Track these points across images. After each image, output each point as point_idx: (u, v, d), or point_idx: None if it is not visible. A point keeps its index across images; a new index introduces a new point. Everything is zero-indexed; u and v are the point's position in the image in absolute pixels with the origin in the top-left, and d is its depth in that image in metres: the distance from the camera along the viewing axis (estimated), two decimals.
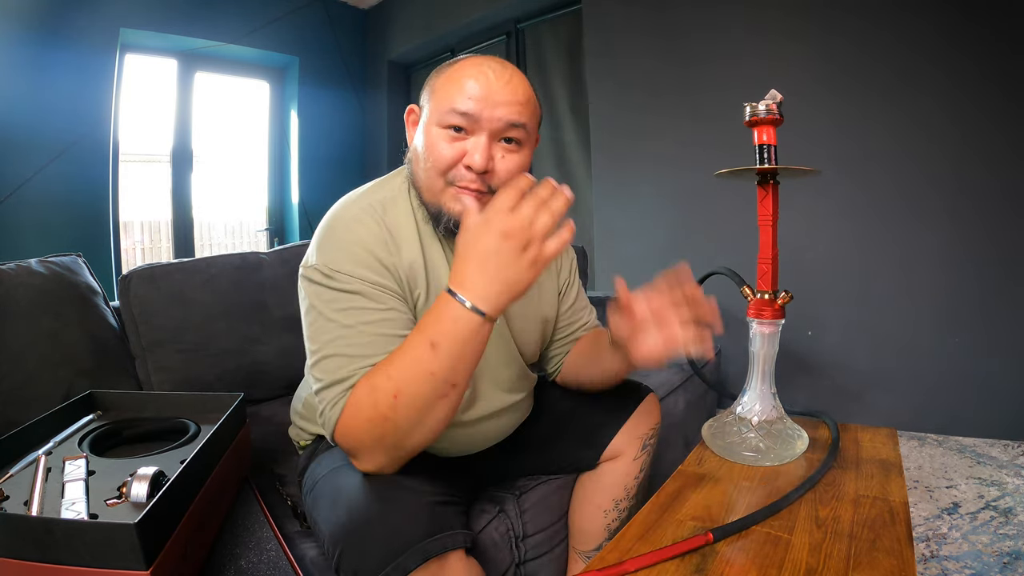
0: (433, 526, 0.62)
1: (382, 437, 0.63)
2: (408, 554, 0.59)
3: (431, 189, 0.73)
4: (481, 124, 0.69)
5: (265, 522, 0.80)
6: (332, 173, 3.43)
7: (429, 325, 0.61)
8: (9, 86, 2.29)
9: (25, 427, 0.75)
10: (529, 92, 0.73)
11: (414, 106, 0.78)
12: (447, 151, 0.70)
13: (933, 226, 1.81)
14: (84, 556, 0.52)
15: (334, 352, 0.67)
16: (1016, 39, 1.63)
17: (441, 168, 0.71)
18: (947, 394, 1.82)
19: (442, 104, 0.71)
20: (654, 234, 2.40)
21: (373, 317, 0.67)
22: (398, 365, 0.62)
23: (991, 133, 1.70)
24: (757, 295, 0.86)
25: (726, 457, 0.87)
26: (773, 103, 0.80)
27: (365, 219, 0.73)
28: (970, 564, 1.16)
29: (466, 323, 0.60)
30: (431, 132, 0.72)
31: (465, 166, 0.70)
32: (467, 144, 0.70)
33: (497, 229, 0.58)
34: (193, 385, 1.19)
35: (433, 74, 0.76)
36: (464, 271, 0.60)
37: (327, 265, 0.69)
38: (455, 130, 0.70)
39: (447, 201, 0.72)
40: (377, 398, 0.62)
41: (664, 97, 2.32)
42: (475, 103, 0.69)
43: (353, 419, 0.64)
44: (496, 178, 0.72)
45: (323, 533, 0.68)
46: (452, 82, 0.71)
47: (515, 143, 0.72)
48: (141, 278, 1.21)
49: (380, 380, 0.62)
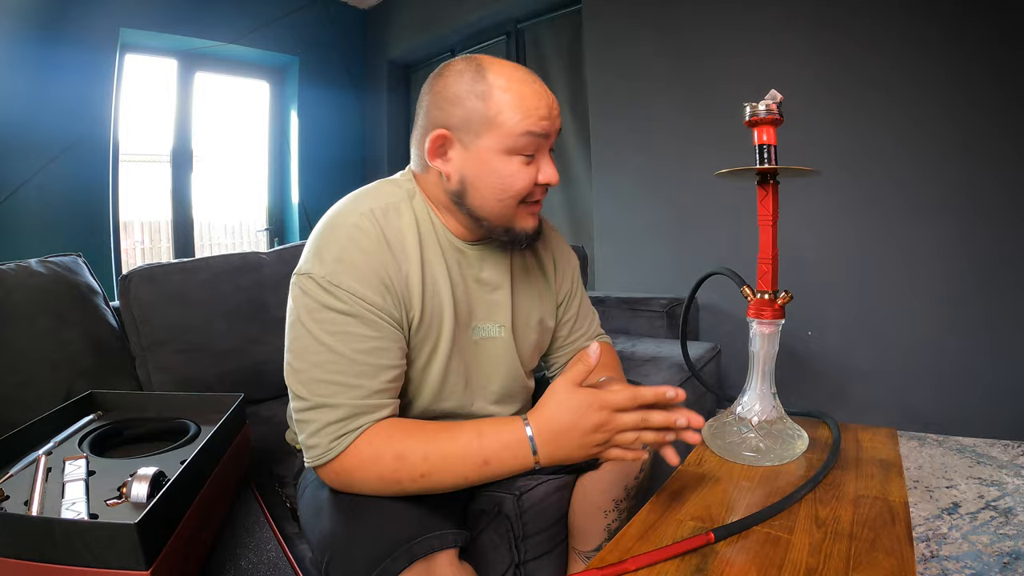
0: (419, 528, 0.62)
1: (382, 489, 0.64)
2: (394, 556, 0.59)
3: (502, 216, 0.72)
4: (550, 140, 0.70)
5: (265, 522, 0.80)
6: (332, 173, 3.43)
7: (491, 442, 0.63)
8: (9, 86, 2.29)
9: (25, 427, 0.75)
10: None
11: (445, 132, 0.69)
12: (526, 177, 0.69)
13: (933, 226, 1.81)
14: (84, 556, 0.52)
15: (323, 377, 0.64)
16: (1017, 37, 1.63)
17: (523, 195, 0.70)
18: (947, 394, 1.82)
19: (510, 128, 0.67)
20: (654, 234, 2.41)
21: (367, 345, 0.65)
22: (441, 455, 0.63)
23: (992, 133, 1.70)
24: (757, 295, 0.86)
25: (726, 457, 0.86)
26: (773, 103, 0.80)
27: (367, 227, 0.68)
28: (970, 564, 1.16)
29: (523, 458, 0.62)
30: (498, 162, 0.68)
31: (541, 184, 0.70)
32: (538, 163, 0.70)
33: (596, 420, 0.61)
34: (193, 385, 1.19)
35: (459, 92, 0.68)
36: (548, 421, 0.62)
37: (326, 278, 0.65)
38: (527, 156, 0.69)
39: (521, 221, 0.73)
40: (402, 468, 0.62)
41: (664, 97, 2.32)
42: (548, 122, 0.68)
43: (362, 468, 0.63)
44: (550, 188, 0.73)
45: (312, 542, 0.69)
46: (514, 104, 0.67)
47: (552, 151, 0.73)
48: (141, 278, 1.21)
49: (415, 457, 0.62)
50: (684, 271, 2.24)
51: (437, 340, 0.74)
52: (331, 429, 0.64)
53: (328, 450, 0.64)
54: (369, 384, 0.65)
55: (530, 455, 0.62)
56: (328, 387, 0.64)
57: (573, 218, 2.87)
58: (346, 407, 0.64)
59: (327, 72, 3.48)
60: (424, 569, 0.60)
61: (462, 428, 0.65)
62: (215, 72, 3.17)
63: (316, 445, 0.64)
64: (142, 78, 2.86)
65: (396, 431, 0.64)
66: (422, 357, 0.74)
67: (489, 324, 0.80)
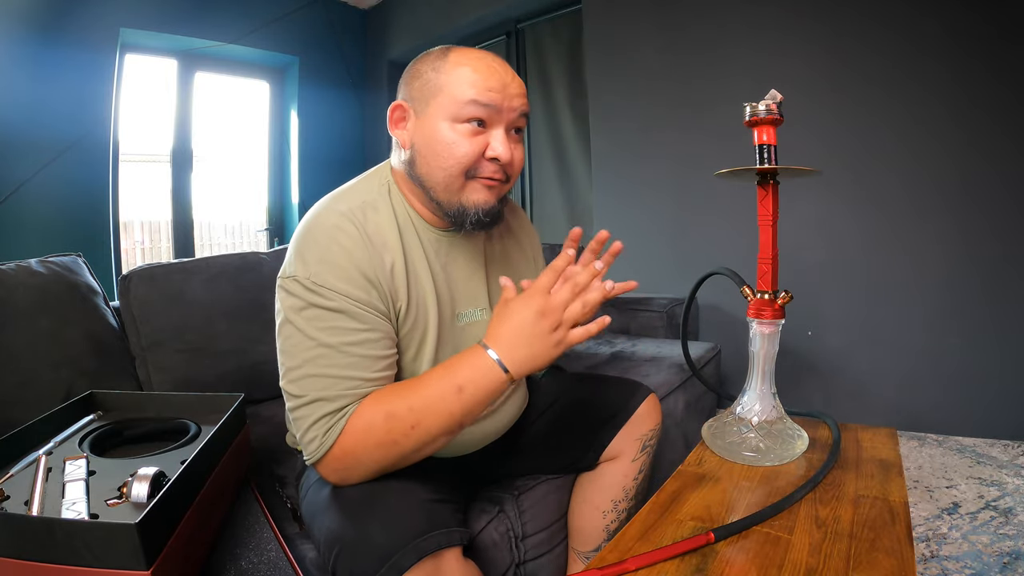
0: (428, 524, 0.62)
1: (383, 459, 0.65)
2: (403, 552, 0.59)
3: (449, 188, 0.71)
4: (502, 115, 0.70)
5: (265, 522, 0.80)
6: (332, 173, 3.42)
7: (459, 371, 0.65)
8: (9, 86, 2.29)
9: (25, 427, 0.75)
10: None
11: (402, 103, 0.74)
12: (470, 146, 0.69)
13: (933, 225, 1.81)
14: (85, 556, 0.52)
15: (316, 372, 0.65)
16: (1019, 34, 1.63)
17: (466, 165, 0.70)
18: (947, 394, 1.82)
19: (456, 97, 0.69)
20: (654, 234, 2.40)
21: (356, 338, 0.66)
22: (422, 400, 0.64)
23: (993, 132, 1.69)
24: (757, 295, 0.86)
25: (726, 457, 0.87)
26: (773, 103, 0.80)
27: (346, 226, 0.69)
28: (970, 564, 1.16)
29: (494, 376, 0.64)
30: (443, 129, 0.70)
31: (489, 158, 0.70)
32: (488, 138, 0.70)
33: (535, 307, 0.63)
34: (193, 385, 1.19)
35: (421, 68, 0.73)
36: (499, 333, 0.65)
37: (310, 279, 0.66)
38: (477, 124, 0.70)
39: (470, 195, 0.72)
40: (393, 426, 0.64)
41: (664, 97, 2.32)
42: (497, 95, 0.69)
43: (360, 442, 0.64)
44: (512, 168, 0.73)
45: (318, 538, 0.69)
46: (462, 77, 0.69)
47: (520, 133, 0.74)
48: (141, 278, 1.21)
49: (400, 411, 0.64)
50: (684, 271, 2.24)
51: (425, 329, 0.75)
52: (325, 420, 0.65)
53: (324, 440, 0.65)
54: (361, 375, 0.66)
55: (495, 365, 0.64)
56: (321, 381, 0.65)
57: (573, 218, 2.87)
58: (340, 399, 0.65)
59: (327, 72, 3.48)
60: (433, 565, 0.61)
61: (432, 371, 0.68)
62: (215, 72, 3.17)
63: (313, 439, 0.65)
64: (142, 78, 2.86)
65: (377, 396, 0.66)
66: (412, 347, 0.75)
67: (471, 309, 0.81)
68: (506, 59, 0.75)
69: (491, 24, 3.06)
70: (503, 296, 0.67)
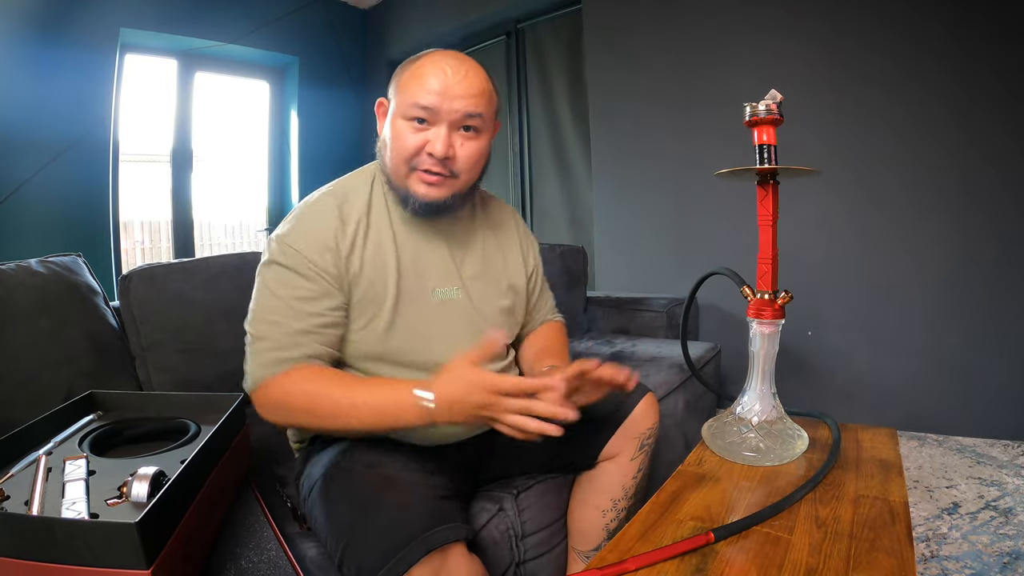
0: (434, 519, 0.64)
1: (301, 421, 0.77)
2: (411, 546, 0.60)
3: (397, 174, 0.81)
4: (441, 116, 0.77)
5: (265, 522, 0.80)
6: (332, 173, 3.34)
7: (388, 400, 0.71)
8: (9, 86, 2.29)
9: (25, 427, 0.75)
10: (485, 84, 0.81)
11: (383, 99, 0.85)
12: (411, 140, 0.78)
13: (934, 225, 1.81)
14: (85, 556, 0.52)
15: (264, 316, 0.77)
16: (1019, 34, 1.63)
17: (406, 156, 0.79)
18: (947, 394, 1.82)
19: (406, 98, 0.78)
20: (654, 234, 2.41)
21: (300, 294, 0.77)
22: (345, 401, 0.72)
23: (993, 131, 1.69)
24: (757, 295, 0.86)
25: (726, 457, 0.87)
26: (773, 103, 0.81)
27: (326, 201, 0.82)
28: (970, 564, 1.16)
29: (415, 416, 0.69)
30: (397, 124, 0.80)
31: (427, 153, 0.78)
32: (429, 134, 0.78)
33: (479, 400, 0.66)
34: (193, 385, 1.18)
35: (399, 69, 0.83)
36: (442, 394, 0.67)
37: (282, 238, 0.79)
38: (419, 122, 0.78)
39: (412, 185, 0.81)
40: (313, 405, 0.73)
41: (664, 97, 2.32)
42: (435, 97, 0.77)
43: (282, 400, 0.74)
44: (457, 163, 0.80)
45: (324, 532, 0.70)
46: (414, 78, 0.78)
47: (473, 131, 0.81)
48: (141, 278, 1.21)
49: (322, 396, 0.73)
50: (684, 271, 2.24)
51: (382, 300, 0.82)
52: (263, 359, 0.75)
53: (256, 378, 0.75)
54: (296, 324, 0.76)
55: (425, 414, 0.68)
56: (266, 324, 0.77)
57: (573, 218, 2.87)
58: (274, 340, 0.75)
59: (327, 72, 3.48)
60: (439, 559, 0.62)
61: (369, 382, 0.76)
62: (215, 72, 3.17)
63: (250, 372, 0.76)
64: (142, 78, 2.86)
65: (314, 373, 0.75)
66: (363, 317, 0.82)
67: (447, 288, 0.87)
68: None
69: (491, 24, 3.06)
70: (469, 356, 0.68)
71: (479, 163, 0.84)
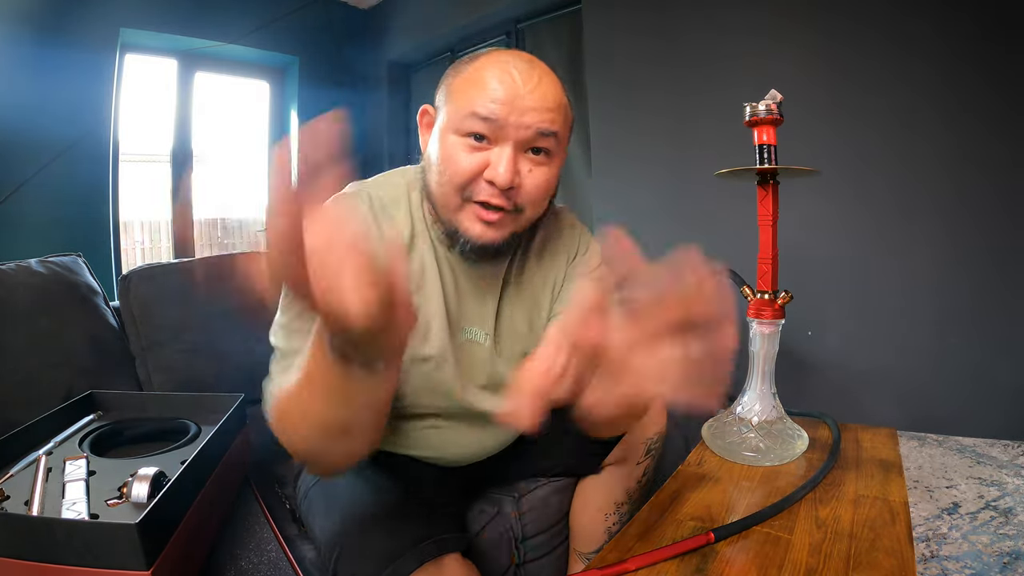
0: (429, 529, 0.62)
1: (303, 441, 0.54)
2: (404, 557, 0.59)
3: (446, 206, 0.64)
4: (506, 132, 0.61)
5: (265, 523, 0.80)
6: None
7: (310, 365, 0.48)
8: (9, 86, 2.29)
9: (25, 427, 0.75)
10: (561, 96, 0.66)
11: (428, 107, 0.69)
12: (466, 162, 0.61)
13: (933, 225, 1.81)
14: (85, 556, 0.52)
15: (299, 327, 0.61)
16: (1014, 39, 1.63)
17: (459, 182, 0.62)
18: (947, 394, 1.82)
19: (461, 108, 0.62)
20: (654, 234, 2.39)
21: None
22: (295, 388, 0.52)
23: (990, 132, 1.69)
24: (757, 295, 0.86)
25: (726, 457, 0.87)
26: (773, 103, 0.81)
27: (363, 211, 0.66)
28: (970, 564, 1.15)
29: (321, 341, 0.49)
30: (447, 140, 0.63)
31: (487, 180, 0.61)
32: (490, 155, 0.61)
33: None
34: (193, 385, 1.18)
35: (450, 71, 0.67)
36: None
37: None
38: (476, 138, 0.61)
39: (464, 221, 0.64)
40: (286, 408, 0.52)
41: (664, 97, 2.32)
42: (499, 107, 0.60)
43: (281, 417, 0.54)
44: (523, 195, 0.63)
45: (319, 538, 0.69)
46: (472, 83, 0.62)
47: (544, 154, 0.64)
48: (141, 278, 1.21)
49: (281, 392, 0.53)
50: None
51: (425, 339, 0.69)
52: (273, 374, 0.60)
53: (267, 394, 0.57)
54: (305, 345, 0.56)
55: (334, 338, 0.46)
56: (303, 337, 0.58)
57: None
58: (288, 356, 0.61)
59: (327, 72, 3.48)
60: (434, 569, 0.61)
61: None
62: (215, 72, 3.17)
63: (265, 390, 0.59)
64: (142, 78, 2.86)
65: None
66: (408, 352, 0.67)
67: (476, 328, 0.75)
68: None
69: (491, 24, 3.06)
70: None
71: (547, 196, 0.67)
